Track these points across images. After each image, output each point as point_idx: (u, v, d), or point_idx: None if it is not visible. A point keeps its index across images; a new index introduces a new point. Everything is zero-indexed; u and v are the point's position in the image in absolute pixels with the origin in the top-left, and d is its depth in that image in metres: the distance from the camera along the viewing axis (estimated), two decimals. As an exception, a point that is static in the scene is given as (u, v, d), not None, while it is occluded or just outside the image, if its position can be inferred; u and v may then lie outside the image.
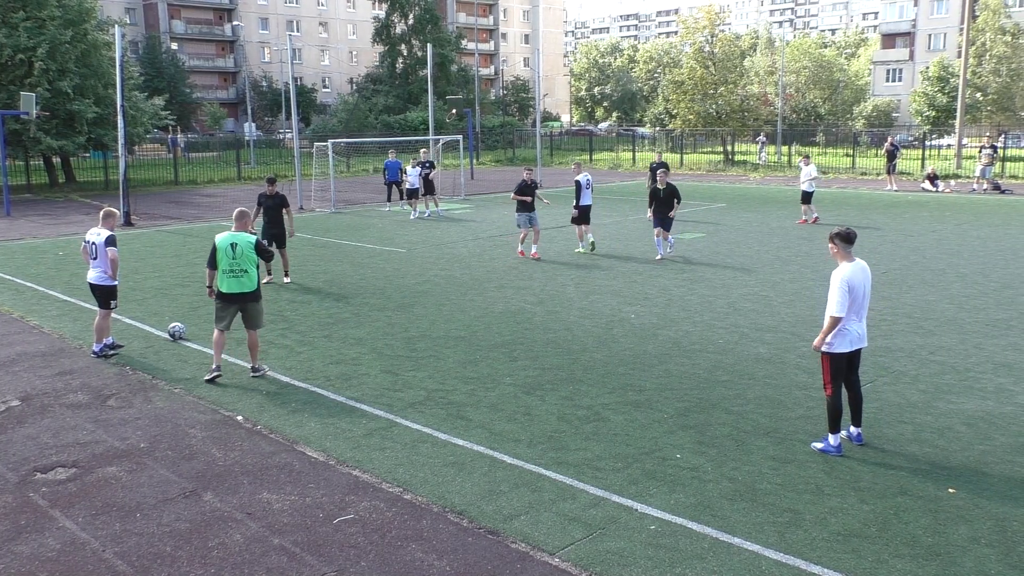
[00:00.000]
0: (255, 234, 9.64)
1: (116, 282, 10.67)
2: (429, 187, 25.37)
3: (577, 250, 18.13)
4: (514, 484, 6.70)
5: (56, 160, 37.58)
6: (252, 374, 9.62)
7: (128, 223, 23.98)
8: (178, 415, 8.47)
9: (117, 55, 24.14)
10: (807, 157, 24.03)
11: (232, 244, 9.28)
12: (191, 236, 21.88)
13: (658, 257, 17.01)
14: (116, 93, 24.53)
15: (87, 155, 42.17)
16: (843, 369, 7.26)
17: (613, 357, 10.17)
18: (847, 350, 7.18)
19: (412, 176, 25.29)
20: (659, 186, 17.15)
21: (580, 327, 11.65)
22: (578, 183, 18.06)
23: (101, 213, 10.86)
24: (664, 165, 23.66)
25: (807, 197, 22.73)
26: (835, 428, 7.24)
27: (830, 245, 7.37)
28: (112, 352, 10.67)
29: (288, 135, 60.35)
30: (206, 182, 39.61)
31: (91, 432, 8.04)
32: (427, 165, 25.63)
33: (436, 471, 6.97)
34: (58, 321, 12.50)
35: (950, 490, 6.46)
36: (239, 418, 8.34)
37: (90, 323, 12.29)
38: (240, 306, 9.49)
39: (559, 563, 5.54)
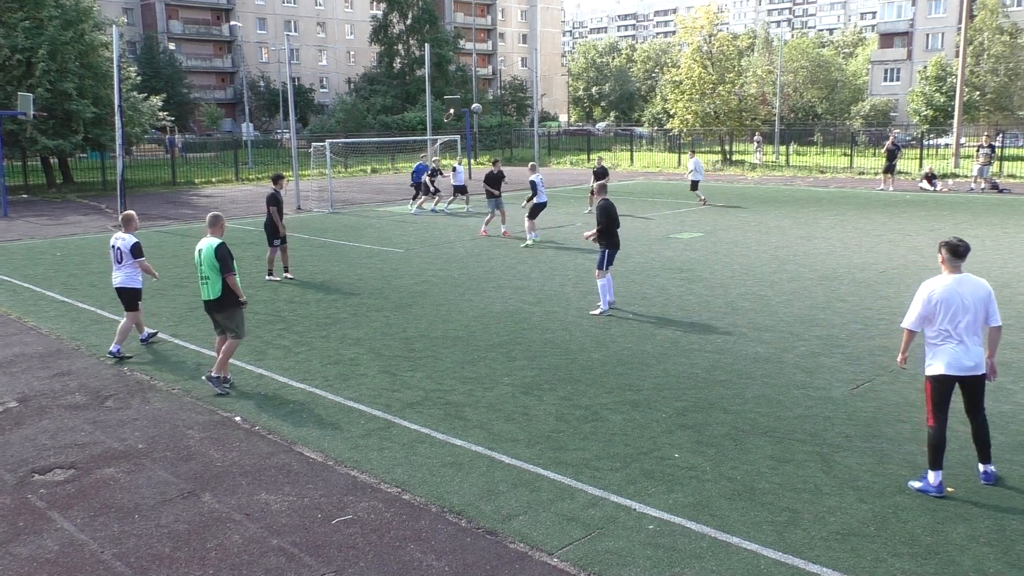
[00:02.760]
0: (221, 240, 9.15)
1: (140, 285, 10.76)
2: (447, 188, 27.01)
3: (525, 244, 19.10)
4: (512, 484, 6.70)
5: (53, 160, 37.55)
6: (205, 376, 9.25)
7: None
8: (176, 416, 8.46)
9: (115, 55, 24.12)
10: (693, 151, 30.67)
11: (199, 251, 9.12)
12: (189, 237, 21.86)
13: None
14: (114, 93, 24.50)
15: (84, 155, 42.13)
16: (945, 396, 6.53)
17: (611, 357, 10.17)
18: (944, 373, 6.45)
19: (459, 174, 26.58)
20: (589, 206, 17.08)
21: (578, 327, 11.65)
22: (533, 183, 19.24)
23: (121, 218, 10.90)
24: (604, 173, 24.07)
25: (695, 185, 27.48)
26: (935, 464, 6.42)
27: (938, 253, 6.72)
28: (152, 341, 11.11)
29: (286, 135, 60.33)
30: (204, 183, 39.59)
31: (89, 433, 8.03)
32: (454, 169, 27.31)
33: (434, 471, 6.97)
34: (56, 322, 12.48)
35: (949, 489, 6.46)
36: (237, 419, 8.34)
37: (88, 323, 12.31)
38: (211, 315, 9.31)
39: (558, 563, 5.54)
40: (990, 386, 8.82)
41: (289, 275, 15.43)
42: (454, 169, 26.91)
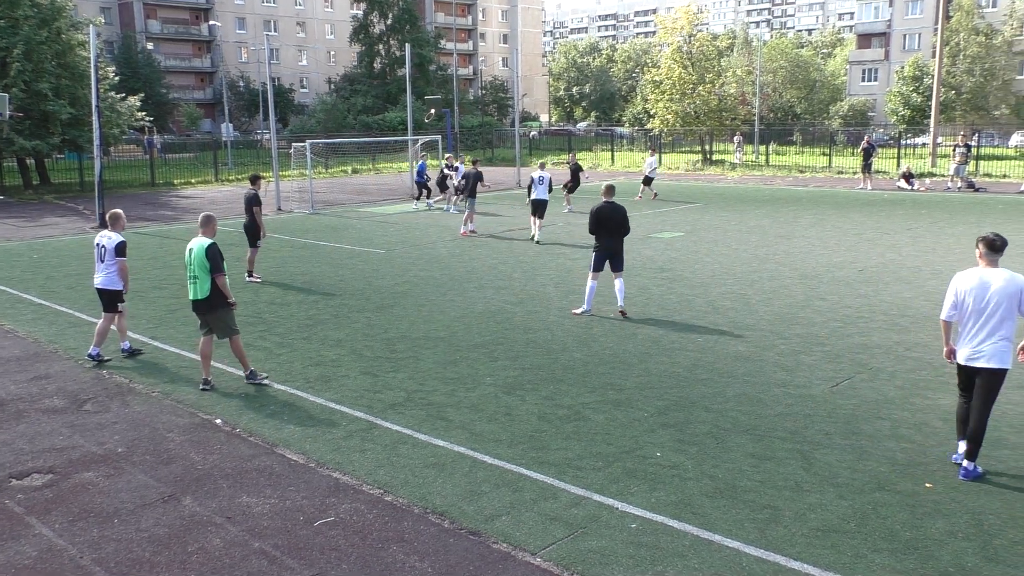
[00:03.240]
0: (212, 240, 9.17)
1: (121, 287, 10.35)
2: (443, 186, 27.33)
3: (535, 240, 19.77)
4: (495, 484, 6.70)
5: (30, 161, 37.15)
6: (246, 380, 9.42)
7: (103, 225, 23.71)
8: (156, 419, 8.39)
9: (92, 55, 23.90)
10: (652, 150, 33.39)
11: (189, 250, 9.12)
12: (168, 238, 21.70)
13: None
14: (91, 93, 24.28)
15: (62, 156, 41.71)
16: (966, 382, 6.83)
17: (593, 356, 10.19)
18: (960, 362, 6.78)
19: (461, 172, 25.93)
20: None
21: (560, 327, 11.67)
22: (532, 179, 20.54)
23: (108, 216, 10.52)
24: (579, 169, 25.66)
25: (648, 180, 29.48)
26: (959, 435, 6.89)
27: (976, 248, 6.85)
28: (133, 354, 10.60)
29: (266, 136, 60.02)
30: (183, 183, 39.30)
31: (68, 437, 7.96)
32: (451, 167, 27.48)
33: (417, 472, 6.96)
34: (33, 325, 12.35)
35: (927, 485, 6.53)
36: (218, 421, 8.28)
37: (66, 326, 12.19)
38: (200, 315, 9.28)
39: (541, 563, 5.54)
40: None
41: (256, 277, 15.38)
42: (456, 168, 26.83)
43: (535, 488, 6.62)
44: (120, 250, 10.19)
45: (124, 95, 37.81)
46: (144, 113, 38.65)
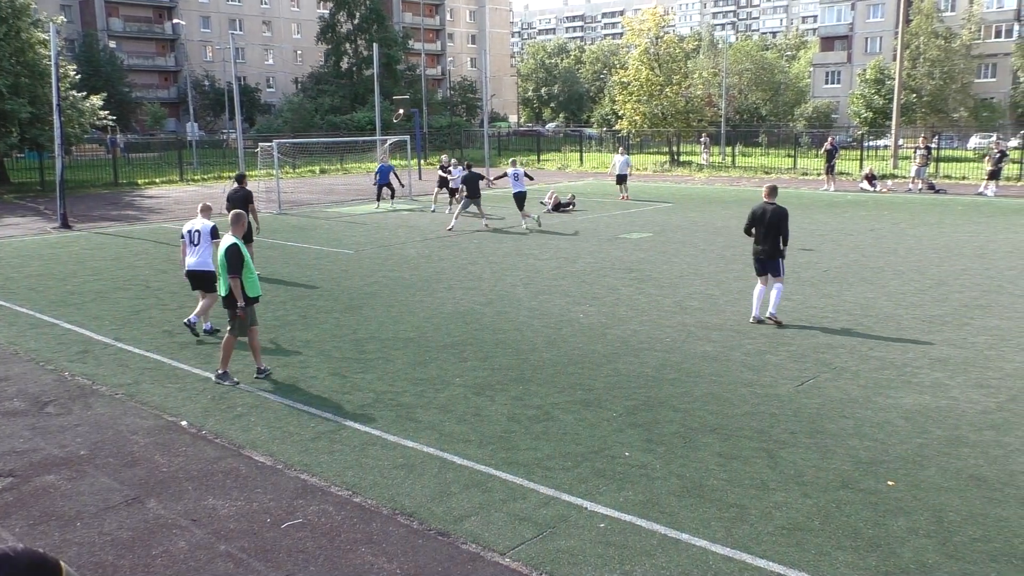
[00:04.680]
0: (238, 239, 9.39)
1: (213, 268, 10.99)
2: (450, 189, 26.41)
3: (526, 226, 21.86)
4: (464, 485, 6.69)
5: (-11, 160, 36.47)
6: (214, 378, 9.44)
7: (65, 225, 23.35)
8: (119, 421, 8.28)
9: (52, 53, 23.50)
10: (623, 149, 33.05)
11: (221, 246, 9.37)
12: (131, 239, 21.40)
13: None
14: (51, 92, 23.87)
15: (22, 156, 40.96)
16: None
17: (562, 357, 10.22)
18: None
19: (457, 175, 25.31)
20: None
21: (530, 327, 11.69)
22: (506, 174, 23.04)
23: (200, 207, 11.55)
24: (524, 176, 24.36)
25: (621, 179, 29.71)
26: None
27: None
28: (212, 332, 11.53)
29: (232, 135, 59.39)
30: (147, 183, 38.76)
31: (28, 440, 7.82)
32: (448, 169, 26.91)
33: (386, 473, 6.93)
34: (-8, 327, 12.11)
35: (889, 483, 6.64)
36: (183, 423, 8.19)
37: (26, 328, 11.98)
38: (228, 309, 9.41)
39: (510, 563, 5.55)
40: (928, 381, 9.10)
41: None
42: (449, 170, 26.41)
43: (504, 488, 6.62)
44: (214, 233, 11.23)
45: (86, 94, 37.21)
46: (107, 112, 38.06)
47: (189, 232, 11.32)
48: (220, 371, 9.42)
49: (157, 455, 7.43)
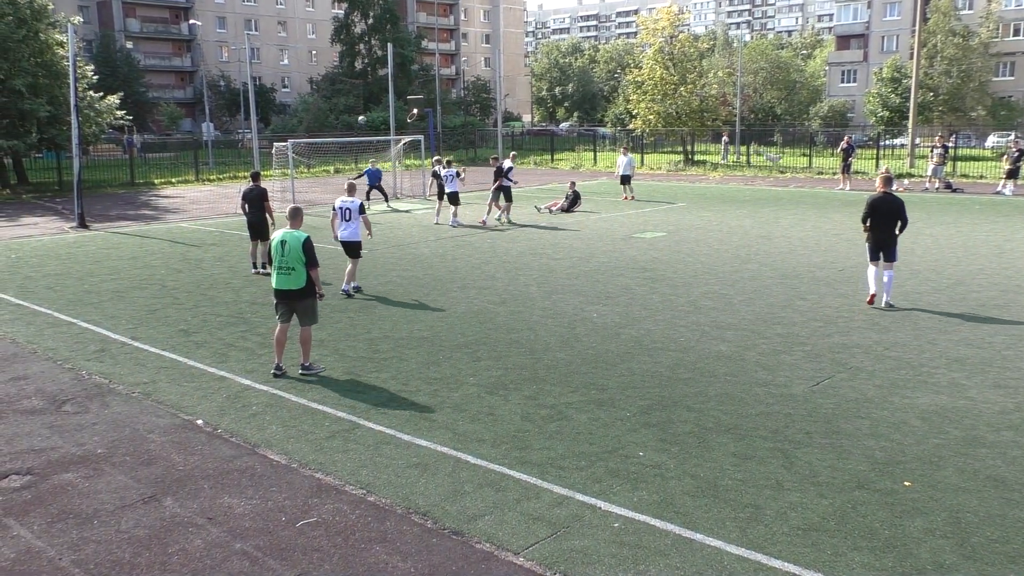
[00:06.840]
0: (305, 233, 9.58)
1: (360, 238, 13.77)
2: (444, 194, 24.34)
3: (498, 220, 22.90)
4: (478, 484, 6.70)
5: (7, 161, 36.76)
6: (300, 371, 9.64)
7: (83, 225, 23.54)
8: (136, 420, 8.33)
9: (70, 53, 23.68)
10: (626, 149, 33.13)
11: (282, 242, 9.42)
12: (148, 238, 21.54)
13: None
14: (69, 92, 24.05)
15: (40, 155, 41.31)
16: None
17: (576, 356, 10.21)
18: None
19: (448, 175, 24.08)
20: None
21: (543, 327, 11.68)
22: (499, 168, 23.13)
23: (347, 185, 14.16)
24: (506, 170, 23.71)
25: (626, 179, 29.77)
26: None
27: None
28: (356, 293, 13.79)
29: (247, 135, 59.66)
30: (163, 183, 39.01)
31: (46, 438, 7.88)
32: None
33: (400, 472, 6.95)
34: (11, 325, 12.22)
35: (906, 483, 6.60)
36: (199, 422, 8.24)
37: (44, 327, 12.08)
38: (289, 303, 9.55)
39: (524, 562, 5.55)
40: (945, 381, 9.04)
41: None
42: (439, 172, 25.63)
43: (518, 488, 6.63)
44: (362, 209, 13.70)
45: (103, 94, 37.49)
46: (123, 112, 38.35)
47: (341, 208, 13.53)
48: (305, 363, 9.68)
49: (173, 454, 7.48)
